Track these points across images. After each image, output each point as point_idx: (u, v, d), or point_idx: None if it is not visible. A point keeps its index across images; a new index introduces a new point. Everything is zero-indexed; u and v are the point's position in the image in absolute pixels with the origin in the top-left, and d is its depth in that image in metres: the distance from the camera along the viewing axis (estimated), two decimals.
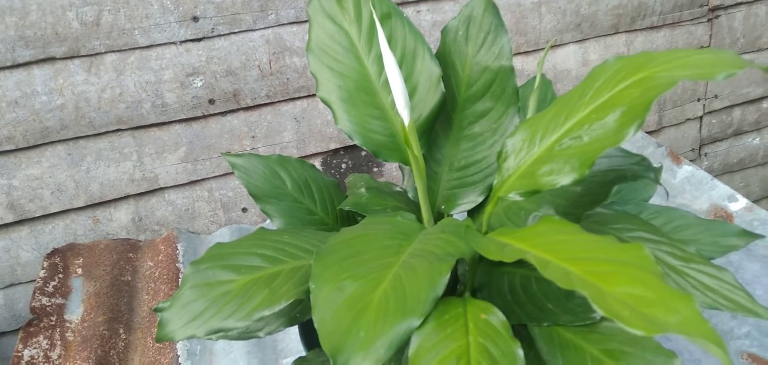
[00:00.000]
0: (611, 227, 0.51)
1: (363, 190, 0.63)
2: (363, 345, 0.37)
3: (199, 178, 1.18)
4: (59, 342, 0.90)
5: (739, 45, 1.46)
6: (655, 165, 0.57)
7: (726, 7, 1.42)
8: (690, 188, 1.05)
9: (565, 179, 0.38)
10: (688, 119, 1.49)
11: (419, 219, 0.56)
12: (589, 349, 0.40)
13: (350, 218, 0.63)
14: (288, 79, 1.16)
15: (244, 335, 0.56)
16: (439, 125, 0.60)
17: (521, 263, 0.52)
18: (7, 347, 1.18)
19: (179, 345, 0.90)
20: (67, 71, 1.04)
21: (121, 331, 0.94)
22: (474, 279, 0.52)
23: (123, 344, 0.92)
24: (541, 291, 0.47)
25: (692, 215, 0.55)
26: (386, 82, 0.57)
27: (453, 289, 0.56)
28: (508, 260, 0.34)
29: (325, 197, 0.63)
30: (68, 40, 1.02)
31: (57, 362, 0.87)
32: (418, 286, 0.40)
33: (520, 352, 0.36)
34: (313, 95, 1.20)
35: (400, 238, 0.49)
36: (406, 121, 0.51)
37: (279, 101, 1.18)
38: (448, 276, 0.40)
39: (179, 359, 0.88)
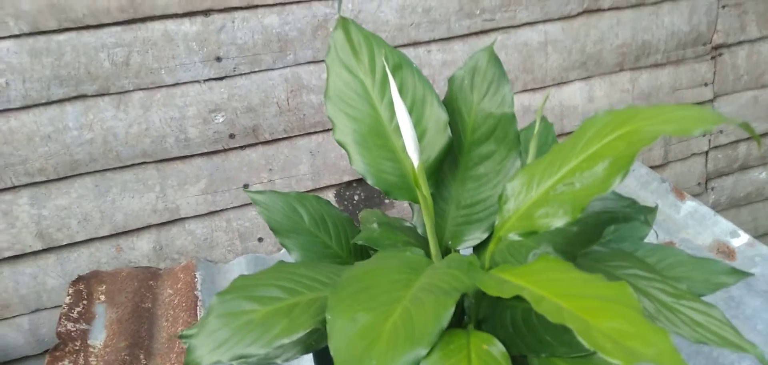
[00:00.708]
0: (607, 265, 0.54)
1: (375, 225, 0.67)
2: None
3: (218, 209, 1.23)
4: None
5: (742, 82, 1.50)
6: (654, 204, 0.60)
7: (729, 46, 1.46)
8: (693, 223, 1.08)
9: (559, 221, 0.42)
10: (694, 154, 1.52)
11: (427, 254, 0.60)
12: None
13: (363, 252, 0.67)
14: (304, 115, 1.22)
15: (264, 361, 0.59)
16: (447, 165, 0.64)
17: (521, 299, 0.56)
18: None
19: None
20: (97, 108, 1.10)
21: (142, 357, 0.98)
22: (478, 312, 0.56)
23: None
24: (540, 323, 0.50)
25: (685, 254, 0.59)
26: (397, 127, 0.61)
27: (460, 320, 0.59)
28: (506, 297, 0.38)
29: (340, 231, 0.67)
30: (99, 79, 1.08)
31: None
32: (425, 318, 0.44)
33: None
34: (328, 130, 1.25)
35: (409, 272, 0.53)
36: (416, 163, 0.56)
37: (296, 136, 1.23)
38: (452, 310, 0.44)
39: None
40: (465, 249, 0.63)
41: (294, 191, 0.71)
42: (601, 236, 0.50)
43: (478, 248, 0.62)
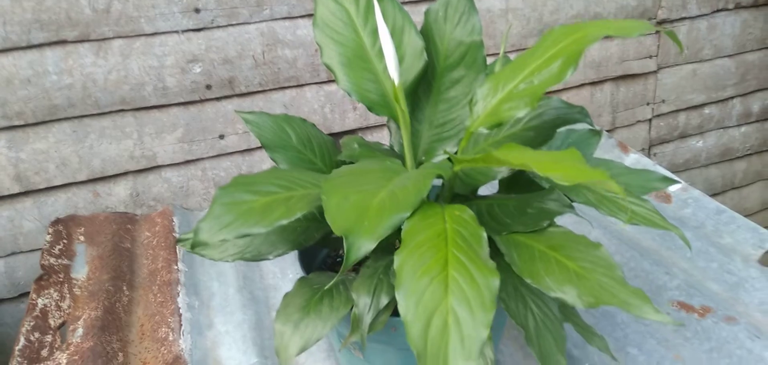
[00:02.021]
0: None
1: (356, 146, 0.74)
2: (367, 231, 0.48)
3: (194, 158, 1.27)
4: (68, 295, 0.99)
5: (683, 56, 1.64)
6: (600, 129, 0.70)
7: (672, 21, 1.59)
8: None
9: (521, 112, 0.51)
10: (639, 121, 1.65)
11: (405, 165, 0.68)
12: (537, 246, 0.52)
13: None
14: (279, 69, 1.27)
15: (257, 257, 0.66)
16: (422, 90, 0.72)
17: (485, 197, 0.64)
18: (5, 314, 1.24)
19: (179, 299, 0.99)
20: (77, 54, 1.13)
21: (125, 288, 1.02)
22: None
23: (127, 299, 1.00)
24: (501, 212, 0.59)
25: (624, 166, 0.68)
26: (379, 52, 0.69)
27: None
28: (478, 159, 0.46)
29: (324, 151, 0.74)
30: (80, 25, 1.11)
31: (67, 311, 0.95)
32: (407, 194, 0.52)
33: (484, 234, 0.48)
34: (302, 85, 1.31)
35: (390, 173, 0.61)
36: (396, 81, 0.63)
37: (270, 90, 1.29)
38: (430, 186, 0.52)
39: (180, 310, 0.97)
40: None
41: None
42: (553, 136, 0.59)
43: None
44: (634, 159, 1.22)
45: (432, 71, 0.71)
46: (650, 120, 1.67)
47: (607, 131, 1.62)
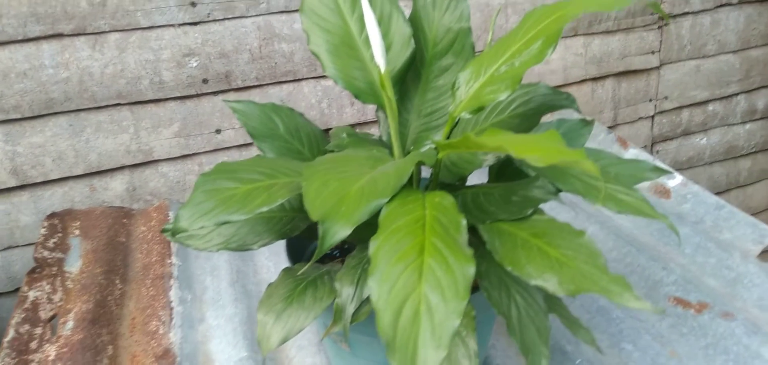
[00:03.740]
0: None
1: (344, 136, 0.73)
2: (343, 216, 0.47)
3: (191, 152, 1.27)
4: (60, 288, 0.98)
5: (686, 51, 1.62)
6: (591, 118, 0.69)
7: (674, 16, 1.57)
8: None
9: (502, 95, 0.50)
10: (641, 118, 1.63)
11: (392, 154, 0.67)
12: (520, 233, 0.51)
13: None
14: (276, 63, 1.27)
15: (242, 247, 0.65)
16: (410, 79, 0.71)
17: (470, 187, 0.63)
18: (2, 308, 1.24)
19: (172, 292, 0.99)
20: (73, 47, 1.13)
21: (118, 282, 1.02)
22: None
23: (119, 292, 1.00)
24: (486, 201, 0.58)
25: (616, 157, 0.67)
26: (366, 40, 0.68)
27: None
28: (456, 143, 0.45)
29: (313, 141, 0.74)
30: (76, 18, 1.11)
31: (59, 304, 0.95)
32: (387, 181, 0.51)
33: (464, 221, 0.47)
34: (299, 80, 1.31)
35: (374, 161, 0.60)
36: (383, 68, 0.62)
37: (267, 84, 1.28)
38: (411, 172, 0.51)
39: (171, 304, 0.97)
40: None
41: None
42: (537, 122, 0.58)
43: None
44: (633, 154, 1.21)
45: (421, 59, 0.70)
46: (653, 117, 1.65)
47: (609, 128, 1.60)
